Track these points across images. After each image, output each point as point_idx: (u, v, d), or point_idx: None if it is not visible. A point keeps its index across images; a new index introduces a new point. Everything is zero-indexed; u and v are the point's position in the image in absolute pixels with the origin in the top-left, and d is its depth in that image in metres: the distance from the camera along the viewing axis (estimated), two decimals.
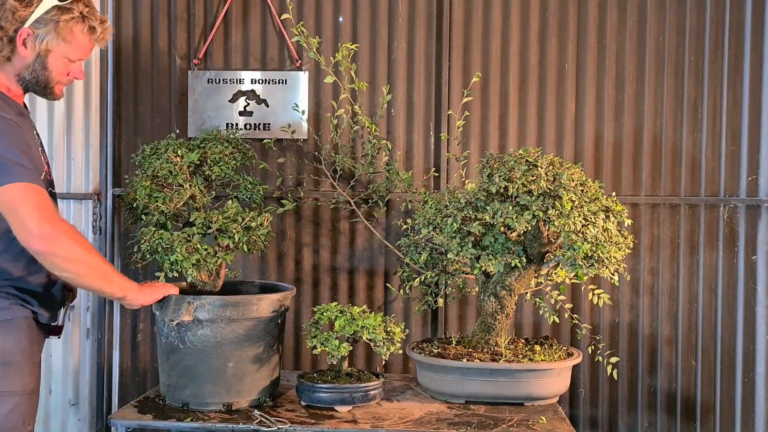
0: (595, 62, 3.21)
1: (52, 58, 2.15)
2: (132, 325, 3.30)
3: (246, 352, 2.54)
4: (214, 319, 2.49)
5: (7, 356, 2.08)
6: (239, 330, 2.52)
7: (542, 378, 2.59)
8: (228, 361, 2.52)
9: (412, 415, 2.49)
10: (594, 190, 2.58)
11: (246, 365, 2.54)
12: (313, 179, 3.24)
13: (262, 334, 2.56)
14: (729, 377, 3.21)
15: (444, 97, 3.21)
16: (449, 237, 2.55)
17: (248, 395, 2.56)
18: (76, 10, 2.15)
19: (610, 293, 3.10)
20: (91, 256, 2.11)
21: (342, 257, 3.27)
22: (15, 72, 2.15)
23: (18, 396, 2.09)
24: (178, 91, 3.27)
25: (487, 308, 2.70)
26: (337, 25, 3.24)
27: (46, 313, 2.19)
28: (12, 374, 2.08)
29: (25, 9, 2.09)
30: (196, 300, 2.49)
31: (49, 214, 1.99)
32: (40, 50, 2.13)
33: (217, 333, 2.50)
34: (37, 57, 2.13)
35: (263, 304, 2.56)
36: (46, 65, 2.15)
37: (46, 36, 2.12)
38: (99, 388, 3.29)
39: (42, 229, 1.96)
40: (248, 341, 2.54)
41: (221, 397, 2.53)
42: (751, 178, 3.19)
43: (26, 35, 2.11)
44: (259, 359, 2.56)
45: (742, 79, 3.19)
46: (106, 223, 3.26)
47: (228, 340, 2.51)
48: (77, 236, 2.08)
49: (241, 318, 2.52)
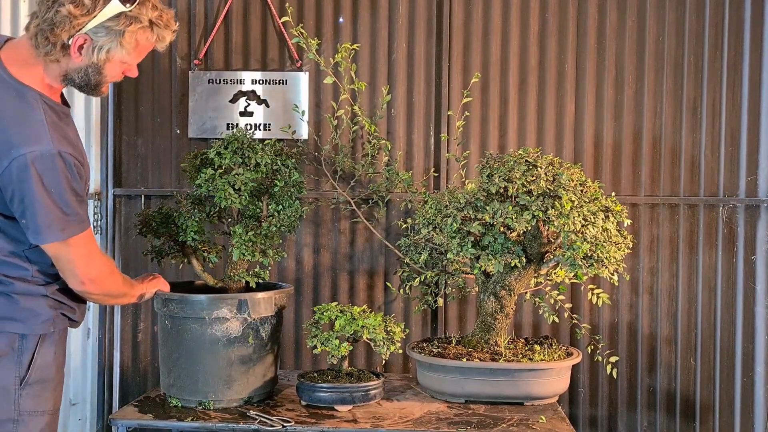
0: (595, 63, 3.21)
1: (110, 66, 1.94)
2: (133, 324, 3.30)
3: (240, 350, 2.54)
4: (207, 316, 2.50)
5: (45, 372, 1.98)
6: (233, 327, 2.52)
7: (542, 377, 2.59)
8: (221, 359, 2.52)
9: (412, 415, 2.50)
10: (593, 190, 2.58)
11: (239, 363, 2.54)
12: (313, 179, 3.25)
13: (256, 332, 2.56)
14: (728, 377, 3.22)
15: (444, 98, 3.22)
16: (449, 237, 2.56)
17: (242, 393, 2.56)
18: (145, 17, 1.91)
19: (610, 293, 3.11)
20: (117, 286, 2.14)
21: (342, 257, 3.27)
22: (62, 72, 1.93)
23: (48, 415, 2.01)
24: (178, 92, 3.27)
25: (486, 308, 2.71)
26: (337, 26, 3.25)
27: (81, 318, 2.12)
28: (47, 391, 1.99)
29: (85, 17, 1.85)
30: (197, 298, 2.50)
31: (93, 262, 1.98)
32: (98, 60, 1.91)
33: (211, 330, 2.51)
34: (92, 64, 1.91)
35: (259, 302, 2.56)
36: (101, 71, 1.94)
37: (107, 45, 1.89)
38: (100, 388, 3.30)
39: (87, 277, 1.96)
40: (243, 339, 2.54)
41: (214, 395, 2.53)
42: (751, 178, 3.19)
43: (83, 42, 1.88)
44: (252, 358, 2.57)
45: (742, 79, 3.19)
46: (107, 223, 3.26)
47: (222, 338, 2.52)
48: (114, 273, 2.11)
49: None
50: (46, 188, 1.84)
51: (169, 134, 3.28)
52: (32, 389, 1.95)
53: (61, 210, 1.87)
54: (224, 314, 2.52)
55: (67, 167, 1.87)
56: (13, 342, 1.92)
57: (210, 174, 2.58)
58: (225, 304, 2.52)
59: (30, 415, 1.95)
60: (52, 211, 1.86)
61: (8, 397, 1.92)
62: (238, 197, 2.62)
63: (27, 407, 1.94)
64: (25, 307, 1.94)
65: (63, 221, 1.88)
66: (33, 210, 1.85)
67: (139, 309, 3.27)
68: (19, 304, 1.93)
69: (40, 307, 1.96)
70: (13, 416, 1.92)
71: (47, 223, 1.87)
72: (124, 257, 3.28)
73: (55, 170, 1.85)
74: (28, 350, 1.94)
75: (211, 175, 2.58)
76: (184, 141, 3.27)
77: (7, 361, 1.92)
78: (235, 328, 2.53)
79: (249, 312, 2.53)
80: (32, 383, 1.95)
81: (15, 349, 1.93)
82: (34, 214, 1.86)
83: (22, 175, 1.83)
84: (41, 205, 1.85)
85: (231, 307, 2.52)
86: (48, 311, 1.97)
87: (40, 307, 1.96)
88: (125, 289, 2.21)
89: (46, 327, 1.97)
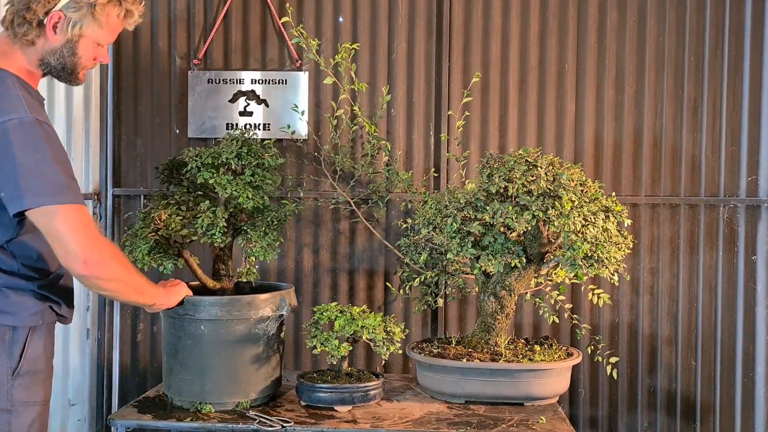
0: (595, 63, 3.21)
1: (83, 44, 2.00)
2: (132, 324, 3.30)
3: (246, 351, 2.54)
4: (215, 318, 2.49)
5: (36, 364, 1.99)
6: (240, 329, 2.52)
7: (542, 378, 2.59)
8: (228, 361, 2.52)
9: (412, 415, 2.50)
10: (594, 190, 2.58)
11: (246, 365, 2.54)
12: (313, 179, 3.24)
13: (262, 333, 2.56)
14: (729, 377, 3.21)
15: (444, 98, 3.21)
16: (449, 237, 2.55)
17: (248, 395, 2.55)
18: None
19: (610, 293, 3.10)
20: (129, 273, 2.05)
21: (342, 257, 3.27)
22: (38, 56, 1.98)
23: (40, 406, 2.02)
24: (178, 91, 3.27)
25: (486, 308, 2.71)
26: (337, 26, 3.24)
27: (70, 312, 2.11)
28: (38, 383, 2.01)
29: None
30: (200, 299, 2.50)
31: (93, 238, 1.90)
32: (72, 35, 1.97)
33: (218, 332, 2.50)
34: (67, 42, 1.97)
35: (264, 303, 2.56)
36: (75, 51, 1.99)
37: (79, 21, 1.96)
38: (99, 388, 3.29)
39: (87, 255, 1.88)
40: (248, 341, 2.54)
41: (220, 396, 2.53)
42: (751, 178, 3.19)
43: (57, 19, 1.95)
44: (259, 359, 2.56)
45: (742, 79, 3.19)
46: (106, 223, 3.26)
47: (228, 340, 2.51)
48: (119, 256, 2.01)
49: (241, 317, 2.52)
50: (28, 152, 1.83)
51: (168, 134, 3.27)
52: (23, 380, 1.98)
53: (45, 174, 1.84)
54: (227, 316, 2.49)
55: (48, 136, 1.88)
56: (4, 334, 1.95)
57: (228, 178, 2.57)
58: (228, 305, 2.51)
59: (22, 405, 1.98)
60: (35, 174, 1.83)
61: (1, 388, 1.95)
62: (262, 197, 2.63)
63: (19, 398, 1.97)
64: (15, 300, 1.96)
65: (49, 185, 1.84)
66: (15, 175, 1.82)
67: (138, 309, 3.27)
68: (9, 297, 1.95)
69: (28, 300, 1.98)
70: (6, 406, 1.96)
71: (30, 187, 1.82)
72: None
73: (35, 136, 1.85)
74: (19, 342, 1.96)
75: (230, 179, 2.58)
76: (183, 141, 3.26)
77: None
78: (239, 330, 2.52)
79: (252, 313, 2.52)
80: (23, 374, 1.98)
81: (6, 340, 1.95)
82: (16, 178, 1.82)
83: (3, 142, 1.82)
84: (23, 168, 1.82)
85: (233, 308, 2.51)
86: (36, 303, 1.99)
87: (28, 300, 1.98)
88: (138, 279, 2.10)
89: (36, 319, 1.99)
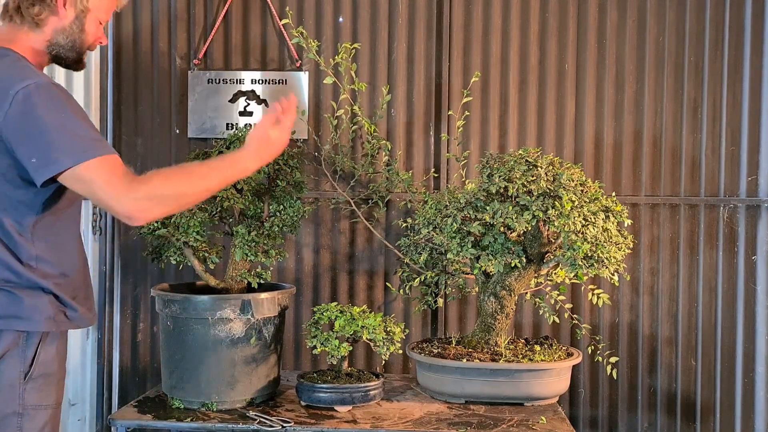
0: (595, 62, 3.21)
1: (90, 19, 2.01)
2: (132, 324, 3.30)
3: (243, 351, 2.54)
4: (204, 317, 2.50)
5: (48, 367, 1.99)
6: (236, 328, 2.52)
7: (542, 378, 2.59)
8: (224, 360, 2.52)
9: (411, 415, 2.50)
10: (594, 190, 2.58)
11: (243, 365, 2.54)
12: (313, 179, 3.24)
13: (259, 332, 2.56)
14: (729, 377, 3.21)
15: (444, 98, 3.21)
16: (449, 237, 2.55)
17: (245, 395, 2.55)
18: None
19: (610, 293, 3.11)
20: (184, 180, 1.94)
21: (342, 257, 3.27)
22: (46, 39, 2.00)
23: (51, 409, 2.02)
24: (178, 92, 3.27)
25: (487, 308, 2.71)
26: (337, 25, 3.24)
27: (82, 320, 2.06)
28: (50, 385, 2.00)
29: None
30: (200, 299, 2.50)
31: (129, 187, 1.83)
32: (80, 10, 1.99)
33: (214, 331, 2.50)
34: (76, 18, 2.00)
35: (263, 302, 2.56)
36: (83, 26, 2.01)
37: None
38: (99, 388, 3.29)
39: (131, 207, 1.84)
40: (246, 340, 2.54)
41: (217, 396, 2.53)
42: (751, 178, 3.19)
43: None
44: (255, 359, 2.56)
45: (742, 79, 3.19)
46: (106, 223, 3.26)
47: (225, 339, 2.51)
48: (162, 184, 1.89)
49: (239, 317, 2.52)
50: (53, 112, 1.82)
51: (168, 134, 3.27)
52: (36, 383, 1.97)
53: (76, 132, 1.82)
54: (227, 315, 2.51)
55: (66, 96, 1.88)
56: (18, 338, 1.95)
57: None
58: (228, 304, 2.52)
59: (34, 408, 1.98)
60: (65, 133, 1.81)
61: (13, 391, 1.95)
62: (241, 197, 2.61)
63: (31, 401, 1.97)
64: (29, 305, 1.95)
65: (82, 142, 1.82)
66: (45, 137, 1.81)
67: (138, 309, 3.27)
68: (23, 302, 1.94)
69: (42, 305, 1.96)
70: (18, 410, 1.95)
71: (63, 147, 1.81)
72: (124, 257, 3.28)
73: (55, 97, 1.85)
74: (32, 346, 1.96)
75: None
76: (183, 141, 3.26)
77: (12, 357, 1.94)
78: (238, 329, 2.53)
79: (252, 312, 2.52)
80: (36, 378, 1.97)
81: (19, 344, 1.95)
82: (47, 140, 1.81)
83: (26, 107, 1.82)
84: (53, 127, 1.81)
85: (234, 308, 2.52)
86: (49, 308, 1.97)
87: (42, 305, 1.96)
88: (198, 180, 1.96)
89: (49, 325, 1.97)
